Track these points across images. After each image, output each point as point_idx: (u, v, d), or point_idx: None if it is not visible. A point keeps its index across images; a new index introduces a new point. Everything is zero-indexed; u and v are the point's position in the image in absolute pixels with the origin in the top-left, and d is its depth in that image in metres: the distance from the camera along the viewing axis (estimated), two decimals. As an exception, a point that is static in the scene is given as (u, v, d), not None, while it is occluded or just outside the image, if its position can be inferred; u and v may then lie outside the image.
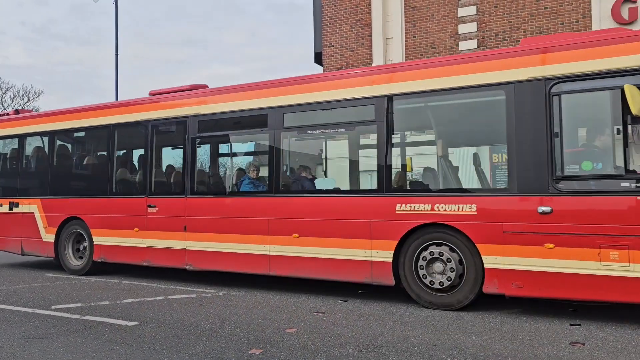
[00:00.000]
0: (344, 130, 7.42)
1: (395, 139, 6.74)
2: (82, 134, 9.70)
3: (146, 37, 73.90)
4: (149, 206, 8.23)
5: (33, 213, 9.61)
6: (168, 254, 8.01)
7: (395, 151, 6.73)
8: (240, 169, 8.43)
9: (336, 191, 7.30)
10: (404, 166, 6.81)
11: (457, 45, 14.52)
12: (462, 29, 14.53)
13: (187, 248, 7.84)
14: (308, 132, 7.47)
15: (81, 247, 9.22)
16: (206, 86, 8.43)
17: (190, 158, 8.00)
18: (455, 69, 6.14)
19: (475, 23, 14.44)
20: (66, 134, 9.70)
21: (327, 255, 6.70)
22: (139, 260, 8.34)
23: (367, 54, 15.57)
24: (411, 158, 7.06)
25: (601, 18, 13.28)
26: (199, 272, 8.32)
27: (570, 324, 5.24)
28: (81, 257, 9.18)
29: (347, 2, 15.87)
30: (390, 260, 6.27)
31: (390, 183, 6.43)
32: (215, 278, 8.29)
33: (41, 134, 9.84)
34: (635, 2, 13.01)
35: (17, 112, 10.94)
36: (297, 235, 6.92)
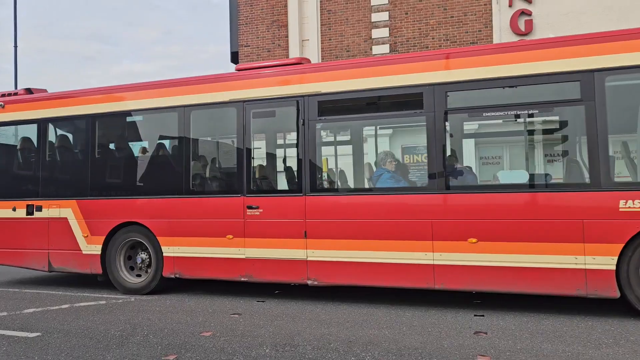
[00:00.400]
0: (541, 110, 6.02)
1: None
2: (140, 117, 7.75)
3: (51, 31, 69.15)
4: (249, 207, 6.68)
5: (66, 218, 7.67)
6: (280, 267, 6.53)
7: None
8: (371, 161, 7.21)
9: (532, 186, 5.93)
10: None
11: (371, 49, 14.96)
12: (376, 33, 15.00)
13: (309, 258, 6.38)
14: (485, 114, 6.18)
15: (139, 260, 7.41)
16: (309, 60, 7.20)
17: (308, 146, 6.53)
18: None
19: (387, 28, 14.95)
20: (114, 118, 7.74)
21: (520, 264, 5.56)
22: (235, 275, 6.75)
23: (284, 54, 15.62)
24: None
25: (501, 28, 14.27)
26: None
27: (475, 315, 5.59)
28: (139, 274, 7.43)
29: (264, 3, 15.84)
30: (614, 267, 5.25)
31: (611, 176, 5.34)
32: (126, 283, 7.94)
33: (76, 117, 7.85)
34: (530, 14, 14.12)
35: (29, 91, 8.57)
36: (474, 240, 5.74)
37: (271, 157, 7.69)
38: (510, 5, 14.30)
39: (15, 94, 8.51)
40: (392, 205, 6.12)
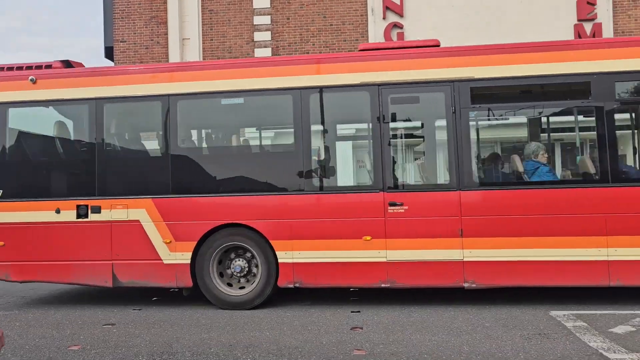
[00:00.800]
0: None
1: None
2: (242, 99, 6.47)
3: None
4: (391, 204, 5.96)
5: (138, 221, 6.33)
6: (430, 269, 5.85)
7: None
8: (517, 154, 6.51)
9: None
10: None
11: (253, 51, 14.97)
12: (258, 36, 15.04)
13: (466, 259, 5.80)
14: None
15: (237, 269, 6.24)
16: (438, 42, 6.36)
17: (460, 136, 5.92)
18: None
19: (269, 32, 15.07)
20: (205, 100, 6.52)
21: None
22: (374, 280, 5.96)
23: (163, 52, 15.06)
24: None
25: (376, 39, 15.07)
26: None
27: (352, 312, 5.85)
28: (229, 283, 6.31)
29: (141, -3, 15.13)
30: None
31: None
32: (-22, 298, 7.11)
33: (150, 98, 6.44)
34: (401, 27, 15.10)
35: (67, 63, 6.93)
36: None
37: (414, 147, 6.91)
38: (384, 18, 15.17)
39: (49, 66, 6.82)
40: (561, 200, 5.73)
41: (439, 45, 6.28)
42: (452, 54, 6.10)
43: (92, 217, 6.36)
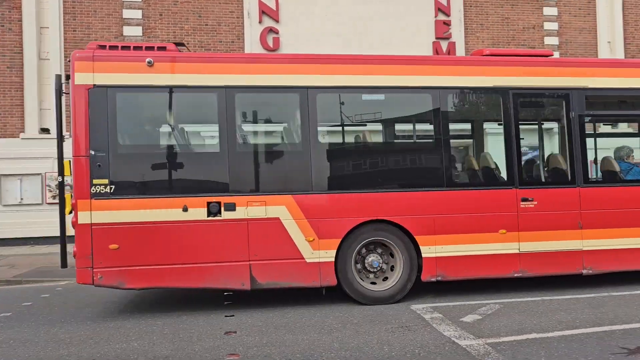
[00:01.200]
0: None
1: None
2: (380, 96, 6.49)
3: None
4: (523, 199, 6.36)
5: (278, 218, 5.98)
6: (555, 259, 6.41)
7: None
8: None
9: None
10: None
11: (122, 46, 14.17)
12: (127, 31, 14.27)
13: (584, 248, 6.44)
14: None
15: (375, 264, 6.19)
16: (551, 53, 7.32)
17: (579, 140, 6.65)
18: None
19: (140, 27, 14.37)
20: (342, 94, 6.36)
21: None
22: (508, 271, 6.36)
23: (17, 41, 13.64)
24: None
25: (252, 42, 15.10)
26: None
27: (225, 316, 5.80)
28: (375, 280, 6.25)
29: (-11, -24, 13.55)
30: None
31: None
32: None
33: (287, 89, 6.19)
34: (277, 32, 15.28)
35: (181, 46, 6.48)
36: None
37: (539, 147, 7.41)
38: (260, 22, 15.25)
39: (162, 48, 6.14)
40: None
41: (552, 55, 7.26)
42: (574, 64, 7.23)
43: (226, 214, 5.88)
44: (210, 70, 6.10)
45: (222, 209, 5.89)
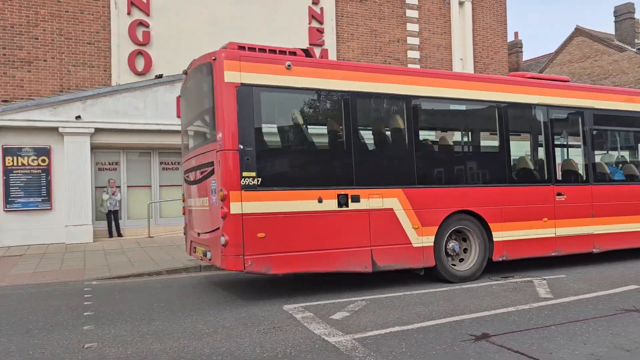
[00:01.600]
0: None
1: None
2: (465, 106, 8.08)
3: None
4: (558, 194, 8.27)
5: (392, 209, 6.90)
6: (577, 240, 8.38)
7: None
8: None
9: None
10: None
11: (-38, 28, 12.52)
12: (-31, 11, 12.63)
13: (595, 232, 8.52)
14: None
15: (456, 248, 7.51)
16: (569, 79, 9.30)
17: (589, 148, 8.82)
18: None
19: (-14, 8, 12.81)
20: (444, 104, 7.88)
21: None
22: (547, 251, 8.14)
23: None
24: None
25: (120, 35, 14.21)
26: None
27: (85, 328, 5.36)
28: (454, 263, 7.50)
29: None
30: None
31: None
32: None
33: (391, 97, 7.23)
34: (148, 26, 14.56)
35: (307, 52, 6.95)
36: None
37: (564, 154, 9.29)
38: (128, 13, 14.42)
39: (293, 53, 6.77)
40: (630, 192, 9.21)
41: (569, 81, 9.14)
42: (584, 89, 9.12)
43: (352, 205, 6.63)
44: (337, 76, 6.82)
45: (349, 200, 6.65)
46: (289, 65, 6.52)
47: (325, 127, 7.18)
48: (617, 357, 3.98)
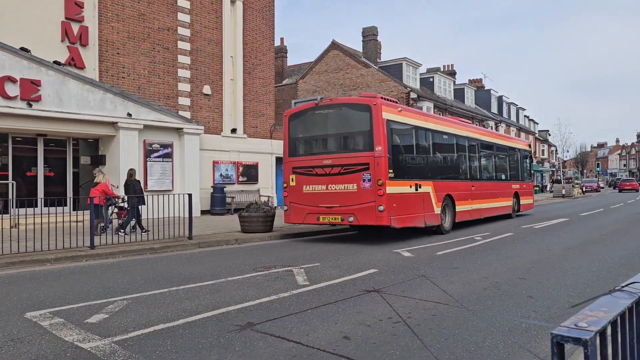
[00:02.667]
0: None
1: None
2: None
3: None
4: (472, 186, 15.54)
5: (428, 193, 12.64)
6: (479, 211, 15.92)
7: None
8: None
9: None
10: None
11: None
12: None
13: (483, 207, 16.22)
14: None
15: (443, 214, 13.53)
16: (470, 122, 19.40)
17: (480, 161, 16.95)
18: None
19: None
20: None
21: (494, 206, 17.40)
22: (472, 217, 15.48)
23: None
24: None
25: None
26: None
27: None
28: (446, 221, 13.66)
29: None
30: None
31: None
32: None
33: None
34: None
35: (385, 99, 12.09)
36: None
37: (473, 163, 16.45)
38: None
39: (395, 101, 12.37)
40: (496, 185, 18.12)
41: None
42: (479, 130, 17.89)
43: (419, 190, 12.31)
44: (416, 117, 12.91)
45: (418, 187, 12.24)
46: (400, 110, 12.09)
47: (413, 145, 12.71)
48: (361, 332, 4.54)
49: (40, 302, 5.75)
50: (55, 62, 15.12)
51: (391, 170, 11.04)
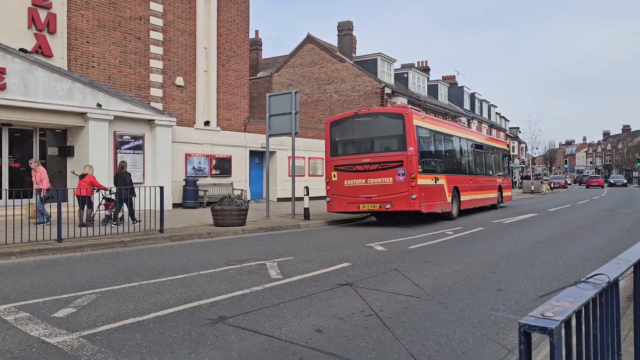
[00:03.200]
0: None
1: None
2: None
3: None
4: (471, 180, 18.59)
5: (443, 185, 15.32)
6: (476, 202, 19.11)
7: None
8: None
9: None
10: None
11: None
12: None
13: (478, 198, 19.26)
14: None
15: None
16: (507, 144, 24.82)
17: (475, 159, 19.98)
18: None
19: None
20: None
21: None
22: (472, 205, 18.54)
23: None
24: None
25: None
26: None
27: None
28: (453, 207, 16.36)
29: None
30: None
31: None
32: None
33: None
34: None
35: (418, 109, 17.80)
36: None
37: (471, 160, 19.61)
38: None
39: (419, 110, 16.58)
40: (484, 179, 21.36)
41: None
42: (473, 132, 22.03)
43: (437, 182, 15.05)
44: (434, 123, 15.93)
45: (436, 180, 14.90)
46: (423, 117, 15.10)
47: (432, 146, 15.41)
48: (333, 325, 4.55)
49: (4, 297, 5.60)
50: (21, 49, 14.70)
51: (419, 166, 13.76)
